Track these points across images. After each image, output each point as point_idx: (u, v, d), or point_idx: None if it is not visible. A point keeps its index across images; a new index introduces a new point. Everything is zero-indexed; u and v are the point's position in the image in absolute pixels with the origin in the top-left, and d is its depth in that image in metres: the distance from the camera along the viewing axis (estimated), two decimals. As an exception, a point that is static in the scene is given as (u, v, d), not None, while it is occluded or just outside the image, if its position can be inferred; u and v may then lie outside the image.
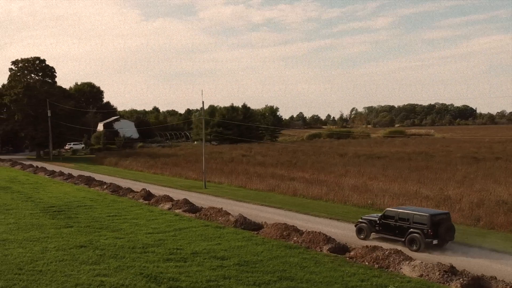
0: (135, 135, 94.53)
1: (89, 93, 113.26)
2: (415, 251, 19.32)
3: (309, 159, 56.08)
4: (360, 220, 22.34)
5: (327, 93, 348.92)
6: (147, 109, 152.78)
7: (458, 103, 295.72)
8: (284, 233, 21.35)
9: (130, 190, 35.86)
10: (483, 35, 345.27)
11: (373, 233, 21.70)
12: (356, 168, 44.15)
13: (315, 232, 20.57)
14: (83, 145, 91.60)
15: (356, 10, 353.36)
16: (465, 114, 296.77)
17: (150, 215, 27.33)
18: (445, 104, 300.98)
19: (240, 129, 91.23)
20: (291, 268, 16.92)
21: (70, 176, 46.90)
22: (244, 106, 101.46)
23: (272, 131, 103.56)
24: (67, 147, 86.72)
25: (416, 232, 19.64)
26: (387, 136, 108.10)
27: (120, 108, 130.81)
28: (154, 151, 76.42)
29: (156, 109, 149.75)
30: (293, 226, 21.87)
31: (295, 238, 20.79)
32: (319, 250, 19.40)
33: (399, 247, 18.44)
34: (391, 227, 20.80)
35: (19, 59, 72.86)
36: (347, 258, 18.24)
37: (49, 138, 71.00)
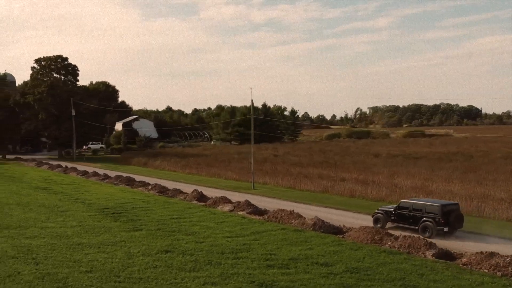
0: (154, 134, 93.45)
1: (104, 92, 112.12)
2: (428, 237, 20.73)
3: (344, 159, 54.88)
4: (377, 211, 24.35)
5: (330, 93, 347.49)
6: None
7: (463, 103, 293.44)
8: (376, 237, 20.20)
9: (179, 191, 34.72)
10: (485, 36, 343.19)
11: (388, 223, 23.65)
12: (401, 169, 42.96)
13: (414, 236, 19.44)
14: (101, 145, 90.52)
15: (357, 10, 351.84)
16: (471, 114, 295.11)
17: (214, 217, 26.20)
18: (450, 104, 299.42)
19: (261, 128, 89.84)
20: (409, 276, 15.78)
21: (106, 176, 45.78)
22: (264, 105, 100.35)
23: (292, 131, 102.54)
24: (85, 147, 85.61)
25: (429, 220, 21.70)
26: (408, 136, 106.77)
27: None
28: (178, 151, 75.25)
29: (169, 109, 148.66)
30: (384, 230, 20.71)
31: (389, 243, 19.65)
32: (422, 255, 18.25)
33: None
34: (405, 217, 22.91)
35: (42, 57, 71.89)
36: (461, 265, 17.07)
37: (73, 137, 69.98)
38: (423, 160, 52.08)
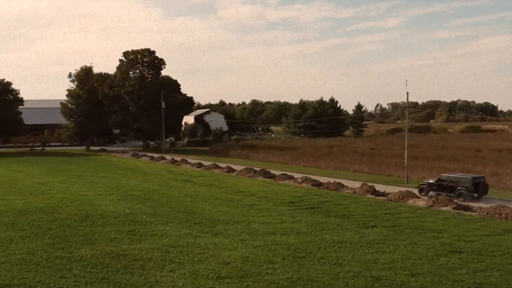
0: (225, 127, 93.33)
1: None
2: (461, 202, 27.43)
3: (448, 153, 53.22)
4: (421, 183, 31.61)
5: (341, 90, 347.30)
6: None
7: (479, 99, 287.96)
8: None
9: (340, 185, 34.16)
10: (491, 36, 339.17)
11: (430, 192, 30.26)
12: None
13: None
14: (170, 138, 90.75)
15: (369, 10, 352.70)
16: (486, 111, 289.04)
17: (428, 213, 25.42)
18: (467, 101, 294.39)
19: (331, 123, 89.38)
20: None
21: (230, 169, 45.44)
22: (332, 100, 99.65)
23: (358, 125, 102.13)
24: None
25: (463, 189, 28.64)
26: (465, 132, 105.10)
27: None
28: (263, 144, 74.30)
29: (222, 103, 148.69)
30: None
31: None
32: None
33: None
34: (444, 187, 29.71)
35: (130, 50, 71.95)
36: None
37: (162, 129, 70.11)
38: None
